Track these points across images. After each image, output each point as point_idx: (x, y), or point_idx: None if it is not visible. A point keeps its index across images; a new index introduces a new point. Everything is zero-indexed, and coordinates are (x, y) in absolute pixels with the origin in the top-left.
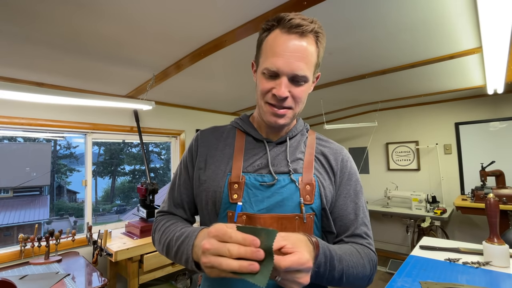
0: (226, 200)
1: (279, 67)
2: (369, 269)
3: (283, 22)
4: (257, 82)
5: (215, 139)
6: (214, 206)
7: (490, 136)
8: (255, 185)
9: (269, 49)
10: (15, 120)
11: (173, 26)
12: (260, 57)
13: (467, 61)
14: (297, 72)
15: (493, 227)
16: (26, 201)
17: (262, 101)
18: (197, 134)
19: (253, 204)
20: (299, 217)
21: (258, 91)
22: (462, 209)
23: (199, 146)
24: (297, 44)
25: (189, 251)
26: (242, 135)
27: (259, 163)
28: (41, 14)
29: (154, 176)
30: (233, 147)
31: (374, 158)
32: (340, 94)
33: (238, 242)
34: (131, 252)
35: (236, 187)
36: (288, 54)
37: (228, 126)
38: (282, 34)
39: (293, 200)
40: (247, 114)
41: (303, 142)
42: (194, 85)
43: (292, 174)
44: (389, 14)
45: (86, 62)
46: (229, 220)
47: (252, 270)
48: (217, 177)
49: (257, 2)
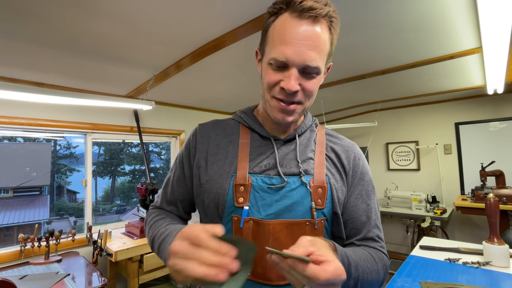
0: (230, 203)
1: (289, 57)
2: (383, 275)
3: (294, 5)
4: (262, 73)
5: (216, 135)
6: (217, 209)
7: (490, 136)
8: (262, 188)
9: (276, 35)
10: (15, 120)
11: (173, 26)
12: (266, 45)
13: (467, 61)
14: (308, 63)
15: (493, 227)
16: (26, 201)
17: (269, 95)
18: (196, 129)
19: (260, 209)
20: (310, 223)
21: (264, 83)
22: (462, 209)
23: (198, 142)
24: (310, 30)
25: (166, 251)
26: (247, 131)
27: (266, 163)
28: (41, 14)
29: (154, 176)
30: (237, 144)
31: (374, 158)
32: (340, 94)
33: (212, 249)
34: (131, 252)
35: (242, 189)
36: (299, 42)
37: (230, 120)
38: (292, 18)
39: (303, 204)
40: (251, 107)
41: (313, 140)
42: (194, 85)
43: (303, 176)
44: (389, 14)
45: (86, 62)
46: (234, 225)
47: (218, 280)
48: (220, 178)
49: (257, 2)
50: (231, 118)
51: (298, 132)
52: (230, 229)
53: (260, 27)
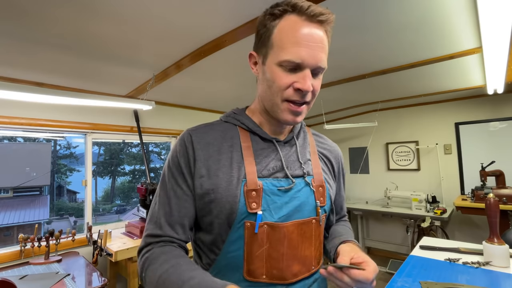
0: (243, 210)
1: (304, 59)
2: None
3: (301, 9)
4: (268, 76)
5: (214, 140)
6: (228, 218)
7: (490, 136)
8: (272, 191)
9: (287, 37)
10: (15, 120)
11: (173, 26)
12: (270, 47)
13: (467, 61)
14: (320, 64)
15: (493, 227)
16: (26, 201)
17: (279, 98)
18: (189, 135)
19: (272, 212)
20: (316, 220)
21: (274, 86)
22: (462, 209)
23: (196, 149)
24: (319, 33)
25: None
26: (246, 134)
27: (273, 166)
28: (41, 14)
29: (154, 176)
30: (239, 148)
31: (374, 158)
32: (340, 94)
33: None
34: (131, 252)
35: (254, 194)
36: (313, 44)
37: (223, 123)
38: (303, 21)
39: (309, 203)
40: (240, 109)
41: (307, 141)
42: (194, 85)
43: (306, 177)
44: (389, 14)
45: (86, 62)
46: (247, 231)
47: None
48: (229, 185)
49: (257, 2)
50: (223, 120)
51: (295, 133)
52: (242, 235)
53: None
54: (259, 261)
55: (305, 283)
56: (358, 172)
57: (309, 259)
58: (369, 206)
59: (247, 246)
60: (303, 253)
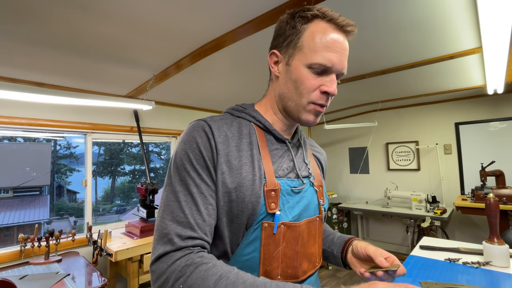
0: (263, 210)
1: (335, 64)
2: None
3: (333, 18)
4: (294, 76)
5: (232, 135)
6: (248, 218)
7: (490, 136)
8: (288, 191)
9: (319, 41)
10: (15, 120)
11: (173, 26)
12: (299, 48)
13: (467, 61)
14: (344, 70)
15: (493, 227)
16: (26, 201)
17: (305, 99)
18: (208, 125)
19: (287, 212)
20: (319, 218)
21: (301, 87)
22: (462, 209)
23: (218, 142)
24: (346, 42)
25: None
26: (261, 132)
27: (286, 166)
28: (41, 14)
29: (154, 176)
30: (257, 146)
31: (374, 158)
32: (340, 94)
33: None
34: (131, 252)
35: (273, 195)
36: (341, 51)
37: (235, 118)
38: (334, 29)
39: (314, 202)
40: (247, 104)
41: (306, 143)
42: (194, 85)
43: (311, 177)
44: (389, 14)
45: (86, 62)
46: (264, 231)
47: None
48: (253, 184)
49: (257, 2)
50: (234, 115)
51: (299, 134)
52: (258, 236)
53: (260, 28)
54: (275, 261)
55: (310, 279)
56: (358, 172)
57: (314, 256)
58: (369, 206)
59: (264, 247)
60: (310, 250)
